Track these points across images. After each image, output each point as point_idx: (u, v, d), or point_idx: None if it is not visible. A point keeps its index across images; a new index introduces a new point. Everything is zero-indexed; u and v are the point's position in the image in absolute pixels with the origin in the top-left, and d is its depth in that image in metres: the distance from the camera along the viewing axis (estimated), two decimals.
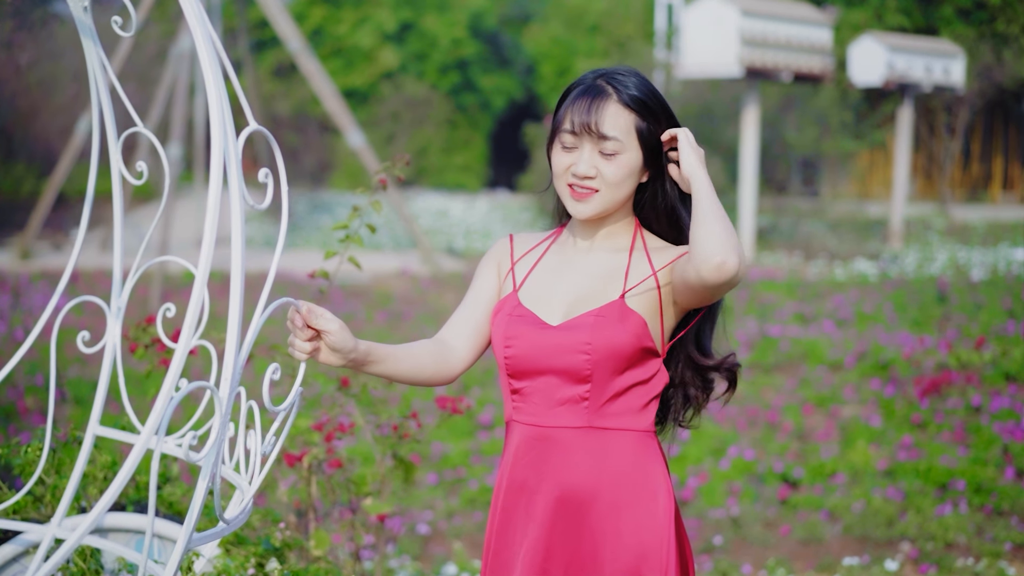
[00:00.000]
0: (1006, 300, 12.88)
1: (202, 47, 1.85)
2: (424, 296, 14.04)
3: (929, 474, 7.07)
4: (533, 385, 2.67)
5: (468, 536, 6.30)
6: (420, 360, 2.65)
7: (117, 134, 2.54)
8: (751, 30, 16.37)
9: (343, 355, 2.43)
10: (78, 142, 15.71)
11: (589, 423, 2.64)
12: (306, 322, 2.36)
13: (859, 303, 13.16)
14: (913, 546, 6.04)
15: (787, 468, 7.30)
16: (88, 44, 2.41)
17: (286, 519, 3.58)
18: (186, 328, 1.69)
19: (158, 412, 1.66)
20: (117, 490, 1.64)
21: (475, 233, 21.23)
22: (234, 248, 1.86)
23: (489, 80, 32.43)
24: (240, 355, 1.89)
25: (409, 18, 31.42)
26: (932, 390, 8.45)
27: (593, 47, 31.03)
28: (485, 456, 7.61)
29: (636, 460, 2.66)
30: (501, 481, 2.73)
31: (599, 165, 2.64)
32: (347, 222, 3.34)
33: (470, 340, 2.76)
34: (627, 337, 2.61)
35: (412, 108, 28.54)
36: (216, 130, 1.83)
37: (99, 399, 2.46)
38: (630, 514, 2.63)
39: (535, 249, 2.82)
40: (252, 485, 2.11)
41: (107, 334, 2.45)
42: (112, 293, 2.47)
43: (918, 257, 17.89)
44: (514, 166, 30.53)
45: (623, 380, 2.64)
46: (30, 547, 2.58)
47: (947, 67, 19.60)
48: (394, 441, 3.66)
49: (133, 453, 1.64)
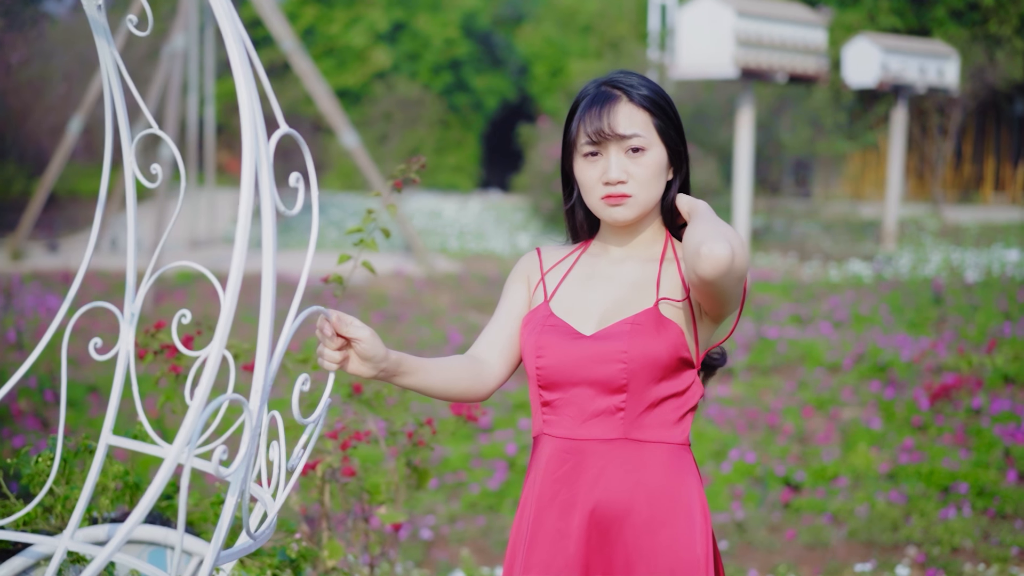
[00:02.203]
0: (1001, 302, 12.86)
1: (233, 48, 1.80)
2: (419, 297, 13.98)
3: (931, 477, 7.03)
4: (565, 397, 2.59)
5: (472, 541, 6.24)
6: (454, 374, 2.58)
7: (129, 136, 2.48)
8: (746, 31, 16.33)
9: (374, 364, 2.36)
10: (70, 142, 15.61)
11: (625, 435, 2.56)
12: (336, 331, 2.30)
13: (855, 304, 13.13)
14: (919, 551, 6.00)
15: (789, 471, 7.26)
16: (102, 43, 2.35)
17: (299, 528, 3.52)
18: (218, 337, 1.63)
19: (189, 426, 1.60)
20: (148, 505, 1.58)
21: (468, 234, 21.18)
22: (265, 254, 1.80)
23: (482, 80, 32.41)
24: (272, 365, 1.83)
25: (401, 18, 31.38)
26: (942, 394, 8.40)
27: (586, 48, 31.03)
28: (485, 459, 7.55)
29: (671, 475, 2.58)
30: (529, 496, 2.65)
31: (628, 168, 2.59)
32: (361, 226, 3.28)
33: (503, 354, 2.69)
34: (664, 346, 2.55)
35: (405, 108, 28.50)
36: (247, 134, 1.77)
37: (112, 408, 2.40)
38: (666, 531, 2.54)
39: (565, 260, 2.76)
40: (277, 500, 2.05)
41: (120, 341, 2.38)
42: (125, 298, 2.40)
43: (912, 258, 17.88)
44: (507, 166, 30.52)
45: (659, 391, 2.56)
46: (41, 559, 2.52)
47: (941, 68, 19.59)
48: (408, 448, 3.61)
49: (163, 468, 1.58)
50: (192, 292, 13.43)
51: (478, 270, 16.61)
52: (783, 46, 16.85)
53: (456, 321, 12.24)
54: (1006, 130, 30.20)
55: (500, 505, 6.87)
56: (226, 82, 24.97)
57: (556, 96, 28.84)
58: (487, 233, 21.35)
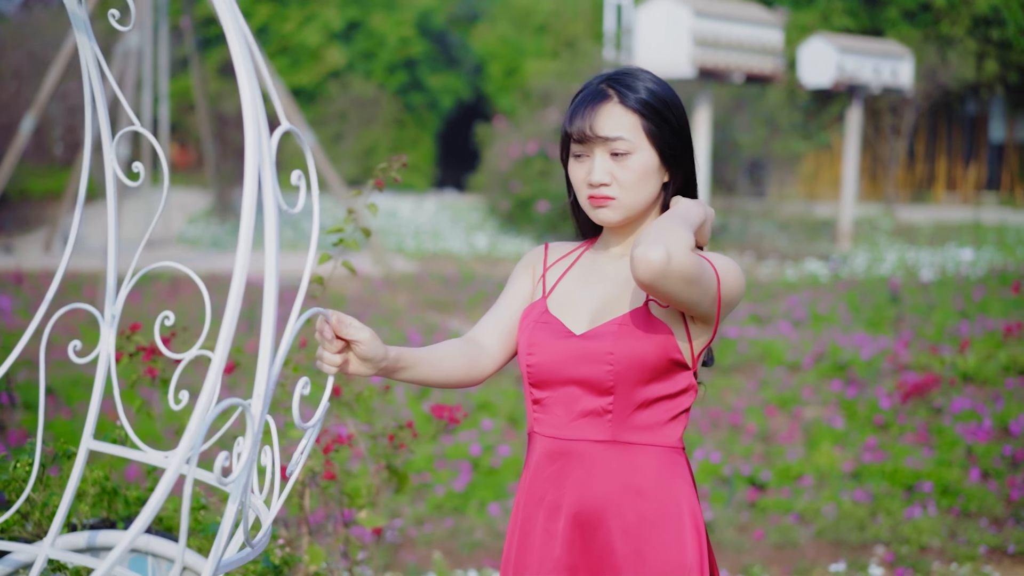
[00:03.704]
0: (957, 300, 12.96)
1: (236, 45, 1.75)
2: (377, 297, 13.90)
3: (895, 476, 7.06)
4: (555, 395, 2.55)
5: (440, 543, 6.19)
6: (452, 362, 2.54)
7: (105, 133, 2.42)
8: (703, 31, 16.38)
9: (374, 364, 2.32)
10: (21, 141, 15.40)
11: (613, 437, 2.51)
12: (336, 333, 2.26)
13: (813, 304, 13.18)
14: (888, 550, 6.01)
15: (754, 471, 7.26)
16: (82, 38, 2.29)
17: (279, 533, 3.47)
18: (222, 343, 1.58)
19: (191, 435, 1.55)
20: (150, 516, 1.53)
21: (425, 233, 21.12)
22: (268, 255, 1.75)
23: (437, 79, 32.34)
24: (273, 369, 1.78)
25: (356, 16, 31.26)
26: (915, 393, 8.44)
27: (541, 47, 31.04)
28: (449, 460, 7.50)
29: (661, 477, 2.52)
30: (520, 495, 2.62)
31: (613, 170, 2.53)
32: (342, 226, 3.23)
33: (500, 341, 2.65)
34: (651, 347, 2.48)
35: (360, 107, 28.40)
36: (250, 132, 1.72)
37: (92, 412, 2.34)
38: (654, 534, 2.49)
39: (567, 256, 2.72)
40: (272, 508, 2.00)
41: (101, 343, 2.33)
42: (106, 300, 2.34)
43: (867, 258, 17.99)
44: (462, 166, 30.48)
45: (648, 392, 2.51)
46: (19, 567, 2.46)
47: (895, 68, 19.71)
48: (389, 451, 3.56)
49: (165, 478, 1.52)
50: (147, 293, 13.29)
51: (436, 270, 16.55)
52: (740, 46, 16.92)
53: (415, 321, 12.17)
54: (958, 130, 30.49)
55: (466, 506, 6.83)
56: (180, 80, 24.77)
57: (511, 95, 28.84)
58: (444, 233, 21.29)
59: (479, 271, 16.53)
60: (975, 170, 30.22)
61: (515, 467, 7.39)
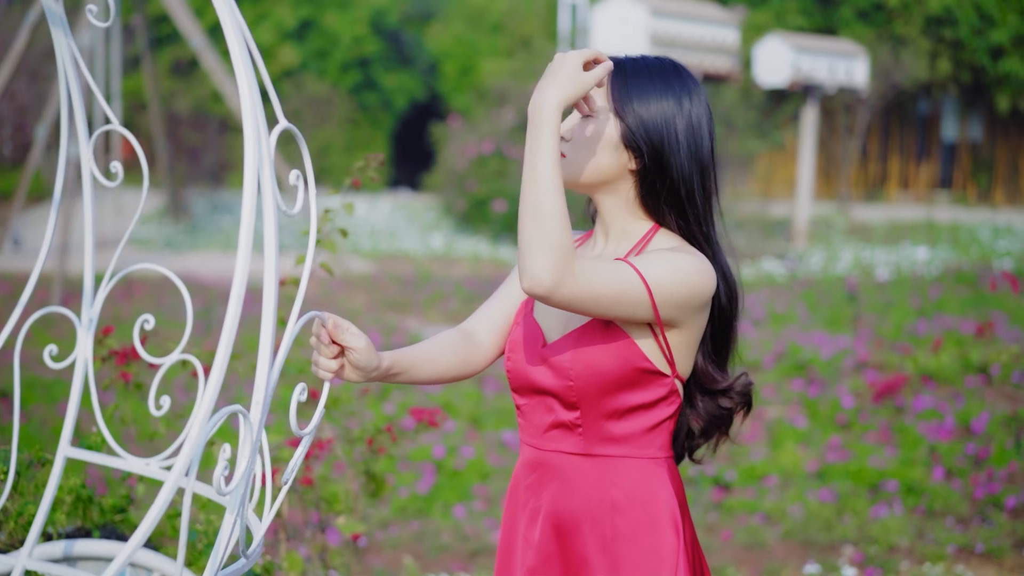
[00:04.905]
0: (914, 299, 13.04)
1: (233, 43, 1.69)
2: (333, 298, 13.80)
3: (860, 475, 7.06)
4: (531, 403, 2.47)
5: (407, 547, 6.13)
6: (445, 361, 2.46)
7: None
8: (660, 30, 16.39)
9: (365, 373, 2.25)
10: None
11: (586, 451, 2.41)
12: (331, 337, 2.19)
13: (771, 303, 13.22)
14: (856, 549, 6.00)
15: (719, 471, 7.24)
16: (58, 34, 2.22)
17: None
18: (222, 349, 1.52)
19: (191, 446, 1.49)
20: (149, 528, 1.47)
21: (380, 233, 21.01)
22: (267, 258, 1.69)
23: (391, 79, 32.23)
24: (272, 374, 1.72)
25: (309, 15, 31.11)
26: (886, 392, 8.46)
27: (496, 46, 31.01)
28: (412, 463, 7.44)
29: (639, 489, 2.39)
30: (506, 501, 2.57)
31: (576, 128, 2.38)
32: (319, 225, 3.17)
33: (494, 333, 2.55)
34: (610, 358, 2.34)
35: (313, 107, 28.25)
36: (249, 131, 1.66)
37: (70, 418, 2.27)
38: (628, 547, 2.38)
39: None
40: (264, 518, 1.94)
41: (77, 348, 2.26)
42: (83, 303, 2.28)
43: (823, 257, 18.07)
44: (417, 165, 30.37)
45: (619, 403, 2.37)
46: None
47: (850, 68, 19.81)
48: (368, 456, 3.50)
49: (163, 492, 1.46)
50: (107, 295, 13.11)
51: (392, 270, 16.47)
52: (697, 45, 16.95)
53: (374, 322, 12.09)
54: (910, 129, 30.72)
55: (430, 509, 6.77)
56: (132, 79, 24.52)
57: (466, 95, 28.77)
58: (399, 232, 21.19)
59: (435, 271, 16.46)
60: (928, 169, 30.47)
61: (479, 469, 7.34)
